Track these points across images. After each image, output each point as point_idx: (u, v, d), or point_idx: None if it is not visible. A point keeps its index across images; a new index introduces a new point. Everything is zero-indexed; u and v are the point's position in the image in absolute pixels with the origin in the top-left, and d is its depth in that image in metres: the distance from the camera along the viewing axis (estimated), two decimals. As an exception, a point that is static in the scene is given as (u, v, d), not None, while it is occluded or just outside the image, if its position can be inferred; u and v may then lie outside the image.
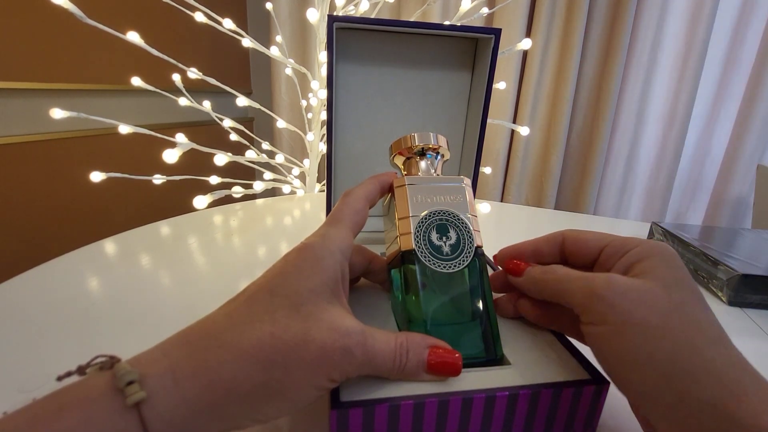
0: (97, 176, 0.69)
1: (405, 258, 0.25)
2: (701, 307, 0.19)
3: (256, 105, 0.94)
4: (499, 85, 0.96)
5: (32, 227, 0.99)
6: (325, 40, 0.66)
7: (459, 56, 0.42)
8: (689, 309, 0.19)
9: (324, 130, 0.94)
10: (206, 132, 1.06)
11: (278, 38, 0.99)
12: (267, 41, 1.34)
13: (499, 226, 0.68)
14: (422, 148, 0.28)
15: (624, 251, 0.22)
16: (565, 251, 0.25)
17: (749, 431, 0.16)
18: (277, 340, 0.18)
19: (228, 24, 0.83)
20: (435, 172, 0.28)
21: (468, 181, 0.27)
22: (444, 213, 0.26)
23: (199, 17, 0.81)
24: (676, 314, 0.19)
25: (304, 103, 1.03)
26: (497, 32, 0.38)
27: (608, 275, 0.21)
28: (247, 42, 0.86)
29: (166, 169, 0.76)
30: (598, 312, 0.20)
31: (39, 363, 0.30)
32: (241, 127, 0.93)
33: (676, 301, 0.19)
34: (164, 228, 0.57)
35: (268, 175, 0.94)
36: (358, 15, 0.89)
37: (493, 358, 0.24)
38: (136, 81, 0.77)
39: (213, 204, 0.72)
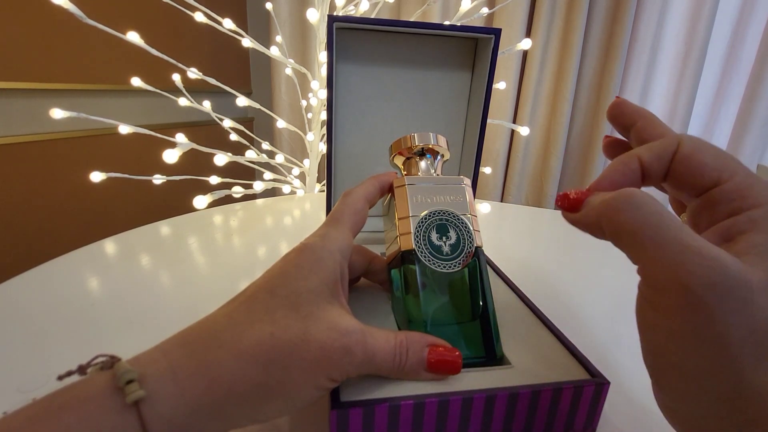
0: (97, 176, 0.69)
1: (405, 258, 0.25)
2: None
3: (256, 105, 0.94)
4: (499, 85, 0.96)
5: (32, 227, 0.99)
6: (325, 40, 0.66)
7: (459, 56, 0.42)
8: None
9: (324, 130, 0.94)
10: (206, 132, 1.06)
11: (278, 38, 0.99)
12: (267, 41, 1.34)
13: (499, 226, 0.68)
14: (422, 148, 0.28)
15: (742, 205, 0.16)
16: (671, 168, 0.18)
17: None
18: (277, 340, 0.18)
19: (228, 24, 0.83)
20: (435, 172, 0.28)
21: (468, 181, 0.27)
22: (444, 213, 0.26)
23: (199, 17, 0.81)
24: None
25: (304, 103, 1.03)
26: (497, 32, 0.38)
27: (716, 261, 0.14)
28: (247, 42, 0.86)
29: (166, 169, 0.76)
30: (672, 300, 0.15)
31: (39, 363, 0.30)
32: (241, 127, 0.93)
33: None
34: (164, 228, 0.57)
35: (268, 175, 0.94)
36: (358, 15, 0.89)
37: (493, 358, 0.24)
38: (136, 81, 0.77)
39: (213, 204, 0.72)
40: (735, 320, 0.14)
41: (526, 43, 0.81)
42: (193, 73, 0.82)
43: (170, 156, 0.70)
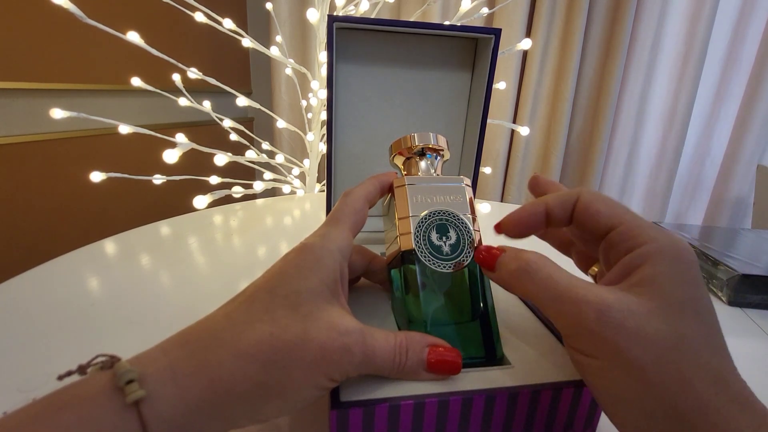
0: (97, 176, 0.69)
1: (405, 258, 0.25)
2: (706, 338, 0.17)
3: (256, 105, 0.94)
4: (499, 85, 0.96)
5: (32, 227, 0.99)
6: (325, 40, 0.66)
7: (459, 56, 0.42)
8: (691, 341, 0.17)
9: (324, 130, 0.94)
10: (206, 132, 1.06)
11: (278, 38, 0.99)
12: (267, 41, 1.34)
13: (499, 226, 0.68)
14: (422, 148, 0.28)
15: (634, 244, 0.19)
16: (574, 216, 0.22)
17: None
18: (276, 339, 0.18)
19: (228, 24, 0.83)
20: (435, 172, 0.28)
21: (468, 181, 0.27)
22: (444, 213, 0.26)
23: (199, 17, 0.81)
24: (675, 350, 0.16)
25: (304, 103, 1.03)
26: (497, 32, 0.38)
27: (600, 303, 0.17)
28: (247, 42, 0.86)
29: (166, 169, 0.76)
30: (587, 343, 0.18)
31: (39, 363, 0.30)
32: (241, 127, 0.92)
33: (679, 333, 0.17)
34: (164, 228, 0.57)
35: (268, 175, 0.94)
36: (358, 15, 0.89)
37: (493, 358, 0.24)
38: (136, 81, 0.77)
39: (213, 204, 0.72)
40: (638, 346, 0.17)
41: (526, 43, 0.80)
42: (193, 73, 0.82)
43: (170, 156, 0.70)
